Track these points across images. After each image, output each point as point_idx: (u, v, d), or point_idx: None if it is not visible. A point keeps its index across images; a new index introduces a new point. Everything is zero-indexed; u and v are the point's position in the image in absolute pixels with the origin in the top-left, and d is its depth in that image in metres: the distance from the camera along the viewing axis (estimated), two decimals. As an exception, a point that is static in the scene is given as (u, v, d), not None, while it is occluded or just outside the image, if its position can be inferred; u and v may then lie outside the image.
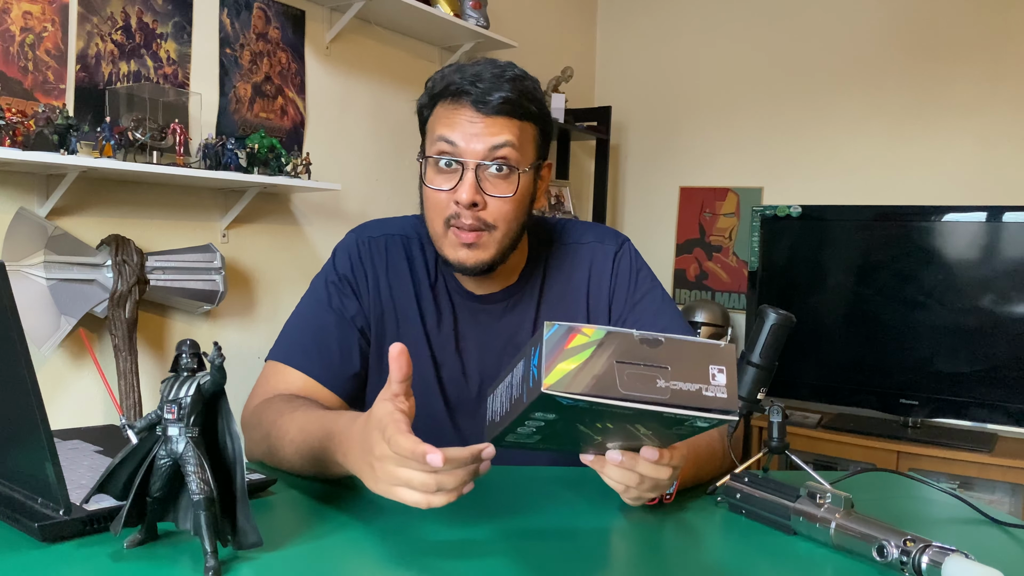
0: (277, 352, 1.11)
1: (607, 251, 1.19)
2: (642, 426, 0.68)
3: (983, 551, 0.72)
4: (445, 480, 0.72)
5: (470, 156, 1.02)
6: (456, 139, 1.02)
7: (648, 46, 3.68)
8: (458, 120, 1.02)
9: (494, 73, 1.02)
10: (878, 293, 2.80)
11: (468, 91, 1.01)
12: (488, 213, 1.03)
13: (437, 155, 1.04)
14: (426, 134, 1.09)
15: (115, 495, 0.70)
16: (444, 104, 1.04)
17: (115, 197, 1.96)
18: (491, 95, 1.01)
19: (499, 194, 1.03)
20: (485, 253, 1.05)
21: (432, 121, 1.07)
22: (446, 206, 1.04)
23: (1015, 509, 2.53)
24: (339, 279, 1.14)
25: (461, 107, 1.02)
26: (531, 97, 1.04)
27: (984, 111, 2.94)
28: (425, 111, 1.09)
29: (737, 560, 0.77)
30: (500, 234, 1.05)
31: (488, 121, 1.02)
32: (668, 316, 1.16)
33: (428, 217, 1.08)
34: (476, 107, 1.01)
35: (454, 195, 1.03)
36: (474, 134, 1.01)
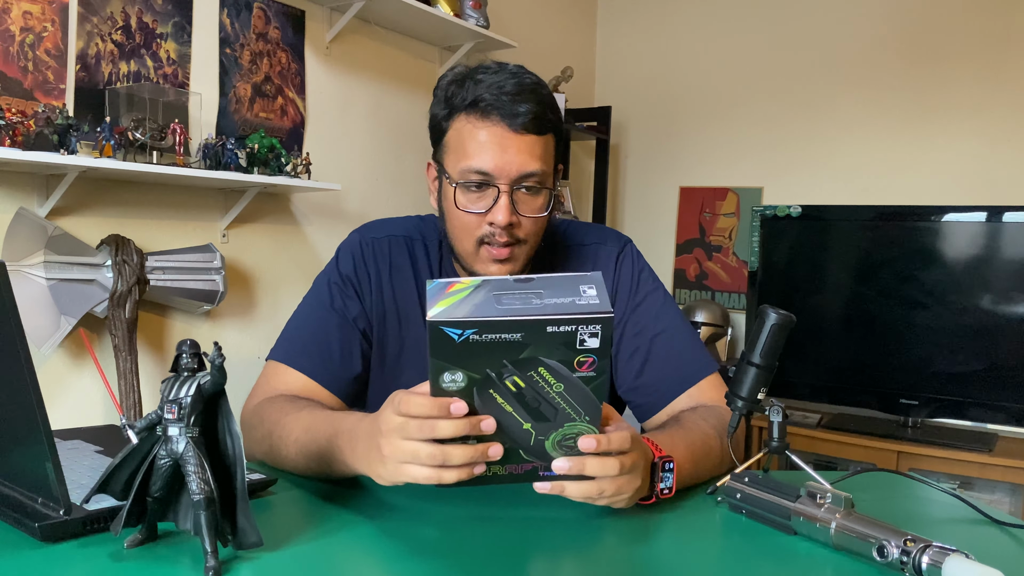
0: (278, 352, 1.11)
1: (610, 252, 1.19)
2: (546, 372, 0.70)
3: (983, 551, 0.72)
4: (452, 453, 0.73)
5: (504, 179, 1.02)
6: (489, 165, 1.01)
7: (648, 46, 3.68)
8: (490, 142, 1.01)
9: (514, 84, 1.01)
10: (878, 293, 2.80)
11: (495, 106, 1.00)
12: (521, 229, 1.05)
13: (470, 182, 1.03)
14: (445, 149, 1.07)
15: (115, 495, 0.70)
16: (469, 119, 1.03)
17: (115, 197, 1.96)
18: (519, 108, 1.00)
19: (532, 213, 1.05)
20: (516, 265, 1.07)
21: (454, 136, 1.05)
22: (478, 227, 1.04)
23: (1015, 509, 2.53)
24: (342, 279, 1.14)
25: (489, 123, 1.01)
26: (552, 107, 1.05)
27: (984, 111, 2.94)
28: (443, 123, 1.06)
29: (737, 560, 0.77)
30: (529, 247, 1.08)
31: (518, 143, 1.01)
32: (670, 317, 1.16)
33: (456, 236, 1.08)
34: (505, 123, 1.01)
35: (489, 217, 1.03)
36: (508, 159, 1.01)
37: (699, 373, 1.12)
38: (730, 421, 0.95)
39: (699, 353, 1.15)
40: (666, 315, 1.16)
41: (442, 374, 0.71)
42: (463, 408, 0.73)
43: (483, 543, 0.77)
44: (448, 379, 0.71)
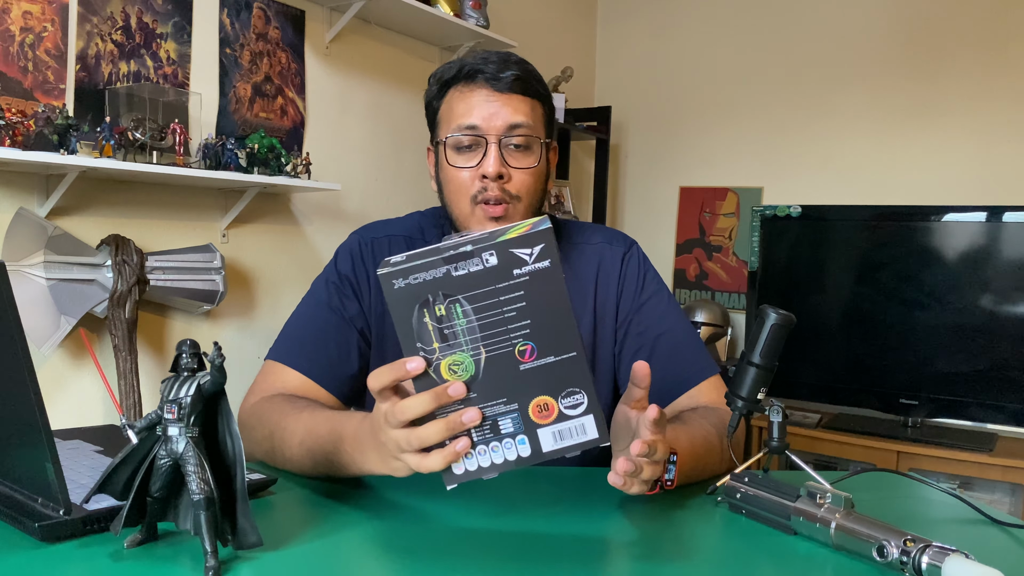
0: (276, 351, 1.12)
1: (616, 252, 1.20)
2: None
3: (983, 551, 0.72)
4: (425, 433, 0.71)
5: (492, 132, 1.05)
6: (475, 119, 1.05)
7: (648, 46, 3.68)
8: (475, 100, 1.05)
9: (500, 56, 1.07)
10: (878, 293, 2.80)
11: (481, 70, 1.05)
12: (513, 185, 1.06)
13: (460, 140, 1.06)
14: (439, 123, 1.11)
15: (115, 495, 0.70)
16: (457, 88, 1.07)
17: (115, 197, 1.96)
18: (503, 73, 1.05)
19: (522, 166, 1.07)
20: None
21: (446, 108, 1.09)
22: (471, 184, 1.06)
23: (1015, 509, 2.53)
24: (340, 279, 1.14)
25: (476, 87, 1.06)
26: (537, 78, 1.10)
27: (984, 111, 2.94)
28: (435, 102, 1.11)
29: (737, 560, 0.77)
30: (524, 206, 1.08)
31: (504, 98, 1.05)
32: (673, 318, 1.17)
33: (452, 199, 1.09)
34: (491, 84, 1.05)
35: (479, 170, 1.05)
36: (493, 112, 1.05)
37: (701, 374, 1.13)
38: (730, 421, 0.95)
39: (701, 355, 1.16)
40: (670, 316, 1.17)
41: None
42: (420, 365, 0.70)
43: (483, 543, 0.77)
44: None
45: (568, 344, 0.70)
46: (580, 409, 0.72)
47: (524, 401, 0.72)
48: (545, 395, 0.72)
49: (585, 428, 0.72)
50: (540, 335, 0.70)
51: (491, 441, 0.73)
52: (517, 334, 0.70)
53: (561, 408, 0.72)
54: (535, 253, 0.68)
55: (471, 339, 0.70)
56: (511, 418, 0.72)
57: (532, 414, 0.72)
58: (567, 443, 0.72)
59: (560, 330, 0.70)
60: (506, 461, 0.73)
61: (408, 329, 0.70)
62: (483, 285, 0.69)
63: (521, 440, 0.73)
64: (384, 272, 0.69)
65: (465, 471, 0.74)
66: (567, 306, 0.69)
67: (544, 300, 0.69)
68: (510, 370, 0.71)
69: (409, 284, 0.69)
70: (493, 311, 0.69)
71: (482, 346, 0.71)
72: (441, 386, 0.71)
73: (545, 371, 0.71)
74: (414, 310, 0.70)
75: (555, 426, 0.72)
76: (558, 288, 0.69)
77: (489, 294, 0.69)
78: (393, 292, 0.69)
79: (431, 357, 0.71)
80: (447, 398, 0.71)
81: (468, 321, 0.70)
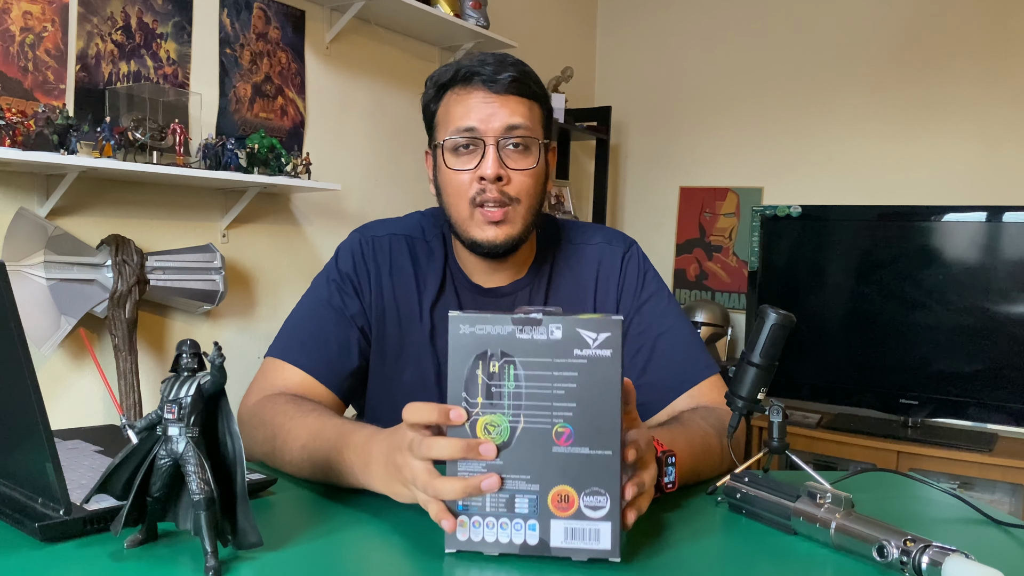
0: (276, 348, 1.11)
1: (615, 252, 1.19)
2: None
3: (983, 551, 0.72)
4: (442, 487, 0.70)
5: (490, 134, 1.04)
6: (473, 121, 1.04)
7: (648, 46, 3.68)
8: (472, 103, 1.05)
9: (496, 57, 1.06)
10: (878, 293, 2.80)
11: (478, 72, 1.04)
12: (512, 187, 1.06)
13: (458, 142, 1.05)
14: (436, 126, 1.10)
15: (115, 495, 0.70)
16: (454, 91, 1.07)
17: (115, 197, 1.97)
18: (500, 74, 1.04)
19: (521, 167, 1.06)
20: (512, 228, 1.07)
21: (443, 110, 1.08)
22: (469, 186, 1.05)
23: (1015, 509, 2.53)
24: (341, 277, 1.14)
25: (473, 89, 1.05)
26: (535, 79, 1.09)
27: (984, 111, 2.94)
28: (432, 105, 1.10)
29: (737, 560, 0.77)
30: (524, 208, 1.07)
31: (501, 100, 1.04)
32: (673, 318, 1.17)
33: (451, 203, 1.08)
34: (487, 86, 1.04)
35: (478, 172, 1.04)
36: (490, 113, 1.04)
37: (700, 374, 1.13)
38: (730, 421, 0.95)
39: (701, 355, 1.16)
40: (670, 316, 1.17)
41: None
42: (461, 416, 0.70)
43: (483, 543, 0.77)
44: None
45: (607, 440, 0.69)
46: (600, 513, 0.69)
47: (547, 485, 0.70)
48: (569, 486, 0.70)
49: (600, 535, 0.70)
50: (582, 422, 0.69)
51: (502, 517, 0.71)
52: (560, 414, 0.69)
53: (581, 505, 0.69)
54: (600, 339, 0.68)
55: (515, 404, 0.70)
56: (529, 499, 0.70)
57: (551, 501, 0.70)
58: (577, 544, 0.70)
59: (602, 423, 0.69)
60: (511, 543, 0.71)
61: (459, 376, 0.71)
62: (542, 355, 0.69)
63: (532, 525, 0.71)
64: (455, 315, 0.70)
65: (468, 539, 0.72)
66: (617, 402, 0.68)
67: (595, 388, 0.68)
68: (542, 448, 0.70)
69: (474, 332, 0.70)
70: (543, 383, 0.69)
71: (523, 414, 0.70)
72: (475, 440, 0.70)
73: (576, 460, 0.69)
74: (470, 359, 0.70)
75: (570, 522, 0.70)
76: (613, 380, 0.68)
77: (544, 365, 0.69)
78: (457, 336, 0.70)
79: (472, 410, 0.71)
80: (476, 455, 0.70)
81: (517, 385, 0.70)
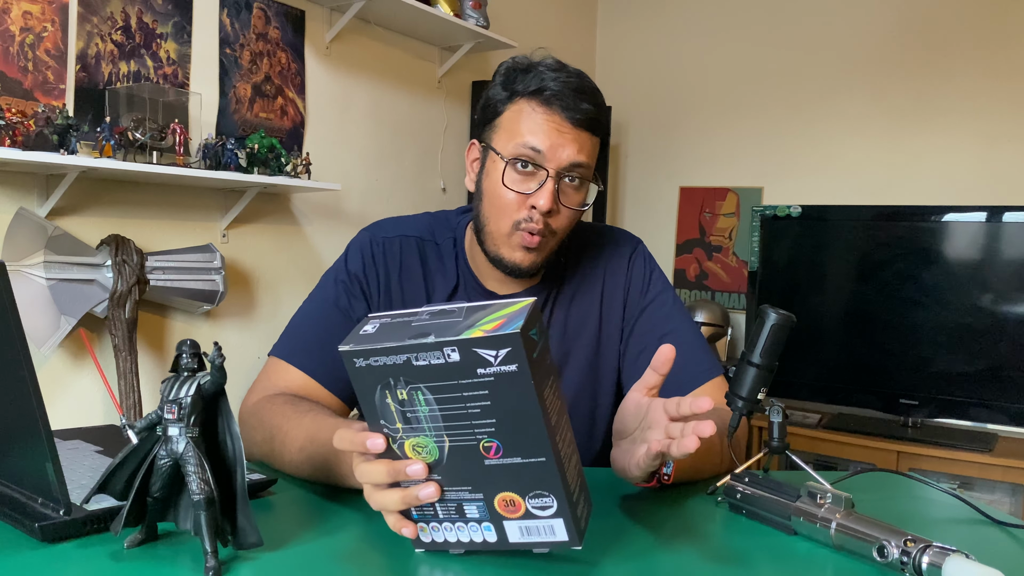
0: (280, 348, 1.11)
1: (622, 252, 1.20)
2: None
3: (983, 551, 0.72)
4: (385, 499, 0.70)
5: (554, 164, 1.02)
6: (543, 145, 1.02)
7: (648, 46, 3.68)
8: (547, 126, 1.02)
9: (576, 83, 1.03)
10: (878, 293, 2.80)
11: (559, 97, 1.02)
12: (556, 220, 1.05)
13: (521, 158, 1.03)
14: (499, 128, 1.07)
15: (115, 495, 0.70)
16: (530, 103, 1.04)
17: (115, 197, 1.97)
18: (580, 106, 1.02)
19: (572, 205, 1.06)
20: (540, 256, 1.08)
21: (512, 117, 1.05)
22: (518, 208, 1.04)
23: (1015, 509, 2.53)
24: (349, 278, 1.13)
25: (550, 112, 1.02)
26: (606, 114, 1.08)
27: (984, 111, 2.94)
28: (500, 105, 1.07)
29: (737, 560, 0.77)
30: (556, 240, 1.08)
31: (575, 134, 1.03)
32: (678, 319, 1.17)
33: (492, 215, 1.07)
34: (565, 115, 1.02)
35: (531, 199, 1.03)
36: (561, 144, 1.02)
37: (704, 375, 1.13)
38: (730, 421, 0.95)
39: (705, 356, 1.16)
40: (675, 317, 1.17)
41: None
42: (380, 445, 0.68)
43: (483, 543, 0.77)
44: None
45: (537, 448, 0.65)
46: (549, 512, 0.68)
47: (490, 493, 0.68)
48: (511, 492, 0.68)
49: (554, 529, 0.69)
50: (506, 435, 0.66)
51: (457, 521, 0.71)
52: (482, 431, 0.66)
53: (528, 507, 0.68)
54: (500, 356, 0.62)
55: (434, 426, 0.67)
56: (476, 505, 0.69)
57: (498, 506, 0.69)
58: (535, 539, 0.69)
59: (528, 433, 0.65)
60: (472, 541, 0.71)
61: (372, 407, 0.68)
62: (445, 379, 0.64)
63: (487, 527, 0.70)
64: (345, 350, 0.66)
65: (432, 541, 0.72)
66: (537, 411, 0.64)
67: (510, 403, 0.64)
68: (475, 462, 0.67)
69: (370, 365, 0.65)
70: (456, 404, 0.65)
71: (445, 435, 0.67)
72: (401, 462, 0.69)
73: (512, 470, 0.67)
74: (376, 389, 0.67)
75: (522, 522, 0.69)
76: (526, 392, 0.63)
77: (451, 388, 0.64)
78: (355, 370, 0.66)
79: (395, 435, 0.68)
80: (405, 476, 0.69)
81: (431, 409, 0.66)
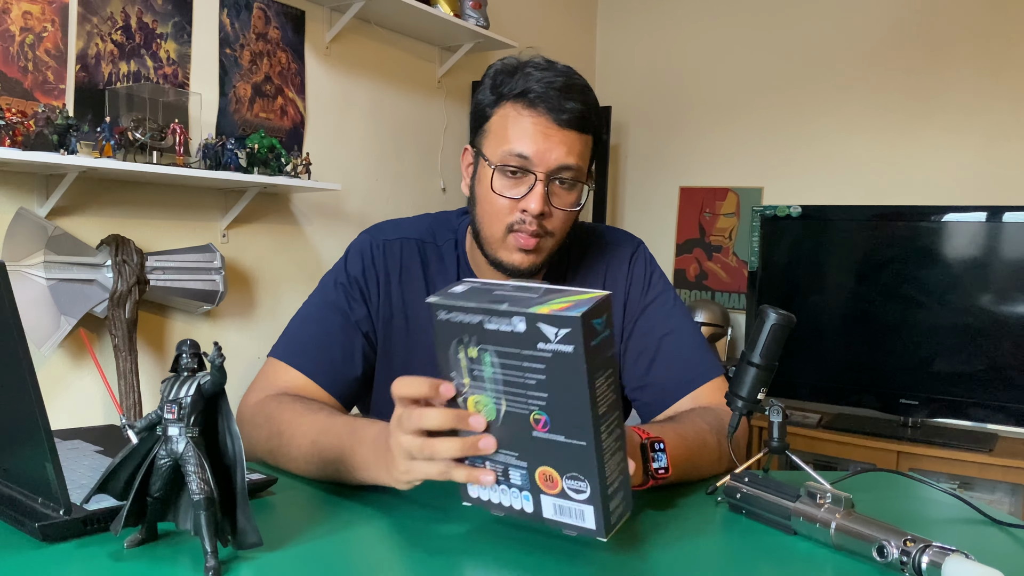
0: (279, 350, 1.11)
1: (623, 254, 1.20)
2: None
3: (983, 551, 0.72)
4: (438, 447, 0.73)
5: (542, 168, 1.02)
6: (529, 149, 1.02)
7: (648, 46, 3.68)
8: (533, 130, 1.02)
9: (564, 82, 1.03)
10: (878, 293, 2.80)
11: (544, 98, 1.01)
12: (550, 222, 1.05)
13: (509, 165, 1.03)
14: (488, 133, 1.07)
15: (115, 495, 0.70)
16: (515, 106, 1.03)
17: (115, 197, 1.97)
18: (566, 105, 1.01)
19: (565, 207, 1.05)
20: (539, 257, 1.07)
21: (499, 122, 1.05)
22: (509, 212, 1.04)
23: (1015, 509, 2.53)
24: (349, 281, 1.13)
25: (536, 115, 1.02)
26: (596, 111, 1.07)
27: (984, 111, 2.94)
28: (488, 109, 1.07)
29: (737, 560, 0.77)
30: (554, 240, 1.08)
31: (562, 135, 1.02)
32: (679, 319, 1.17)
33: (485, 220, 1.07)
34: (551, 116, 1.01)
35: (522, 204, 1.03)
36: (548, 148, 1.01)
37: (704, 376, 1.12)
38: (730, 421, 0.95)
39: (705, 356, 1.15)
40: (675, 317, 1.17)
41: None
42: (449, 391, 0.73)
43: (481, 542, 0.77)
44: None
45: (580, 431, 0.68)
46: (582, 496, 0.70)
47: (533, 464, 0.71)
48: (551, 468, 0.71)
49: (584, 516, 0.70)
50: (555, 412, 0.69)
51: (501, 484, 0.74)
52: (534, 402, 0.69)
53: (564, 487, 0.70)
54: (560, 335, 0.66)
55: (494, 388, 0.71)
56: (520, 473, 0.72)
57: (538, 478, 0.72)
58: (566, 520, 0.71)
59: (574, 415, 0.68)
60: (511, 508, 0.74)
61: (445, 358, 0.72)
62: (510, 345, 0.68)
63: (526, 496, 0.73)
64: (432, 301, 0.71)
65: (478, 498, 0.76)
66: (584, 395, 0.66)
67: (563, 382, 0.67)
68: (524, 431, 0.71)
69: (450, 320, 0.70)
70: (516, 371, 0.69)
71: (504, 398, 0.71)
72: (466, 411, 0.72)
73: (555, 446, 0.70)
74: (451, 344, 0.71)
75: (557, 500, 0.71)
76: (578, 374, 0.66)
77: (514, 356, 0.69)
78: (437, 321, 0.71)
79: (462, 389, 0.73)
80: (467, 426, 0.72)
81: (494, 371, 0.70)
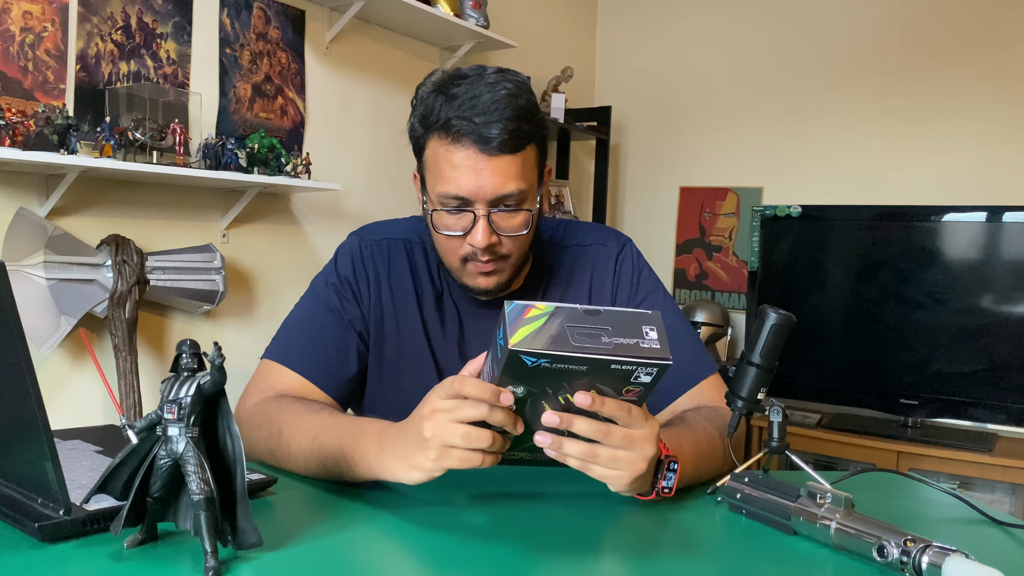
0: (273, 351, 1.11)
1: (609, 253, 1.19)
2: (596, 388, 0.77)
3: (983, 551, 0.72)
4: (499, 440, 0.78)
5: (480, 203, 1.00)
6: (464, 189, 0.99)
7: (648, 46, 3.68)
8: (462, 166, 0.98)
9: (487, 102, 0.97)
10: (878, 293, 2.80)
11: (468, 131, 0.97)
12: (503, 247, 1.04)
13: (446, 207, 1.02)
14: (425, 165, 1.05)
15: (115, 495, 0.70)
16: (443, 142, 0.99)
17: (115, 197, 1.97)
18: (491, 131, 0.96)
19: (514, 231, 1.04)
20: (503, 276, 1.08)
21: (432, 157, 1.02)
22: (459, 247, 1.04)
23: (1015, 509, 2.53)
24: (340, 281, 1.14)
25: (462, 148, 0.98)
26: (529, 117, 1.00)
27: (984, 111, 2.94)
28: (421, 139, 1.04)
29: (737, 560, 0.77)
30: (515, 259, 1.08)
31: (492, 165, 0.98)
32: (670, 317, 1.16)
33: (442, 253, 1.09)
34: (477, 147, 0.97)
35: (468, 239, 1.02)
36: (481, 183, 0.98)
37: (700, 373, 1.12)
38: (730, 421, 0.95)
39: (700, 353, 1.15)
40: (667, 315, 1.15)
41: (506, 386, 0.77)
42: (510, 399, 0.77)
43: (482, 543, 0.77)
44: (511, 389, 0.77)
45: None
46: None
47: None
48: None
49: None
50: None
51: None
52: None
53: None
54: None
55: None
56: None
57: None
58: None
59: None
60: None
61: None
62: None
63: None
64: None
65: None
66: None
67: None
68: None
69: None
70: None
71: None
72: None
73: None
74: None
75: None
76: None
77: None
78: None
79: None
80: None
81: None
